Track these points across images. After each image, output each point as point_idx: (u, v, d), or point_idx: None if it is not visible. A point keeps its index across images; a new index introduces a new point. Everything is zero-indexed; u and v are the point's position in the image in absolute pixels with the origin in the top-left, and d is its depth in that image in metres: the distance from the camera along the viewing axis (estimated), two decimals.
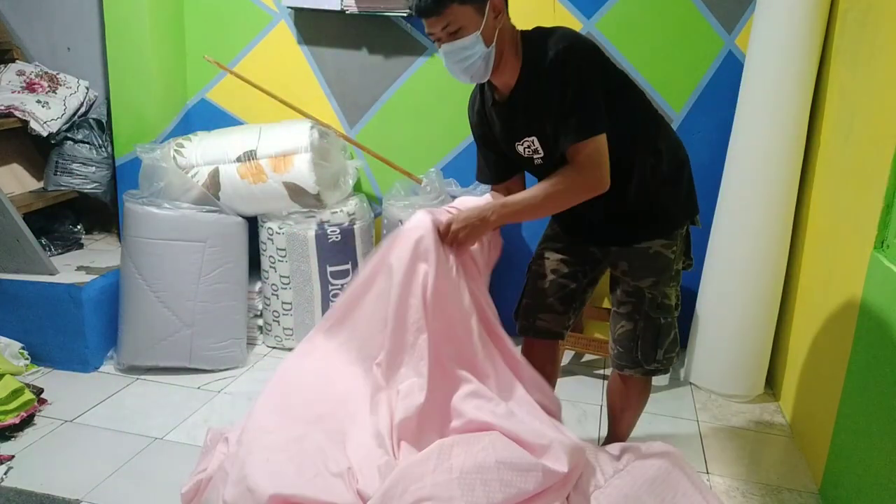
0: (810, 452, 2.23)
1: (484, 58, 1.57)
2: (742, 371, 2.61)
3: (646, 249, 1.77)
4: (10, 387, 2.24)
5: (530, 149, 1.70)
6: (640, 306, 1.80)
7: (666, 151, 1.75)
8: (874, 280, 1.78)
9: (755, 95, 2.50)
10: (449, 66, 1.61)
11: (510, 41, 1.62)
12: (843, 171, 2.17)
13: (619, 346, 1.87)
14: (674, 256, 1.79)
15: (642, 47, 2.78)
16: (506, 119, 1.70)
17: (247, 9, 3.06)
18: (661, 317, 1.81)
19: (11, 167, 3.14)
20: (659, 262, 1.77)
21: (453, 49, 1.56)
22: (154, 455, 2.15)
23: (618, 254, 1.81)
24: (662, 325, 1.82)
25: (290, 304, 2.85)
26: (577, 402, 2.56)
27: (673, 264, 1.80)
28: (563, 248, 1.88)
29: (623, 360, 1.87)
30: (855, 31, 2.18)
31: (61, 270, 2.74)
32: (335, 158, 2.88)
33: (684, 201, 1.81)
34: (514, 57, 1.62)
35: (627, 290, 1.82)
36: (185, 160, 2.75)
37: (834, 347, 2.07)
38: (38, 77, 3.19)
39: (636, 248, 1.77)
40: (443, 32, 1.54)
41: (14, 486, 1.95)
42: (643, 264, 1.78)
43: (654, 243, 1.77)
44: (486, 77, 1.63)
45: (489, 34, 1.56)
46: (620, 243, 1.80)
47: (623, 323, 1.84)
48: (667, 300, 1.81)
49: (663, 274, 1.78)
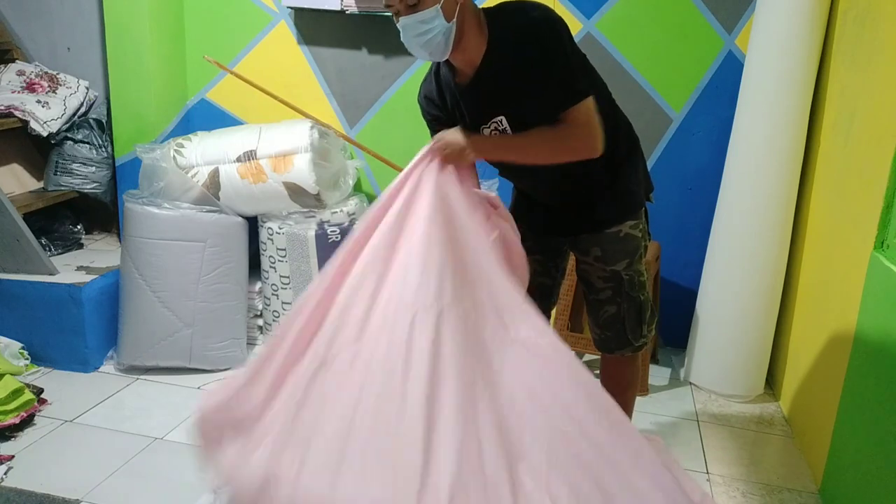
0: (810, 452, 2.23)
1: (444, 33, 1.52)
2: (742, 371, 2.61)
3: (616, 233, 1.78)
4: (10, 387, 2.24)
5: (498, 129, 1.67)
6: (619, 289, 1.82)
7: (623, 130, 1.77)
8: (874, 280, 1.78)
9: (755, 95, 2.50)
10: (407, 40, 1.55)
11: (473, 18, 1.57)
12: (843, 171, 2.17)
13: (606, 332, 1.88)
14: (641, 235, 1.81)
15: (642, 47, 2.78)
16: (471, 100, 1.66)
17: (247, 9, 3.06)
18: (639, 294, 1.84)
19: (11, 167, 3.14)
20: (630, 243, 1.79)
21: (411, 22, 1.51)
22: (154, 455, 2.15)
23: (588, 241, 1.81)
24: (643, 302, 1.85)
25: (290, 304, 2.85)
26: None
27: (642, 242, 1.82)
28: (533, 248, 1.86)
29: (613, 343, 1.89)
30: (855, 31, 2.18)
31: (61, 270, 2.74)
32: (335, 158, 2.88)
33: (642, 178, 1.83)
34: (477, 34, 1.58)
35: (604, 276, 1.82)
36: (185, 160, 2.75)
37: (834, 347, 2.07)
38: (38, 77, 3.19)
39: (607, 233, 1.78)
40: (401, 4, 1.50)
41: (14, 486, 1.95)
42: (615, 248, 1.79)
43: (624, 226, 1.77)
44: (447, 54, 1.57)
45: (450, 9, 1.51)
46: (591, 230, 1.80)
47: (606, 308, 1.85)
48: (641, 277, 1.84)
49: (635, 254, 1.81)
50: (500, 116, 1.64)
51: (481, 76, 1.61)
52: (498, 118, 1.65)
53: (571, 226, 1.82)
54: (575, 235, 1.83)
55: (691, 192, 2.86)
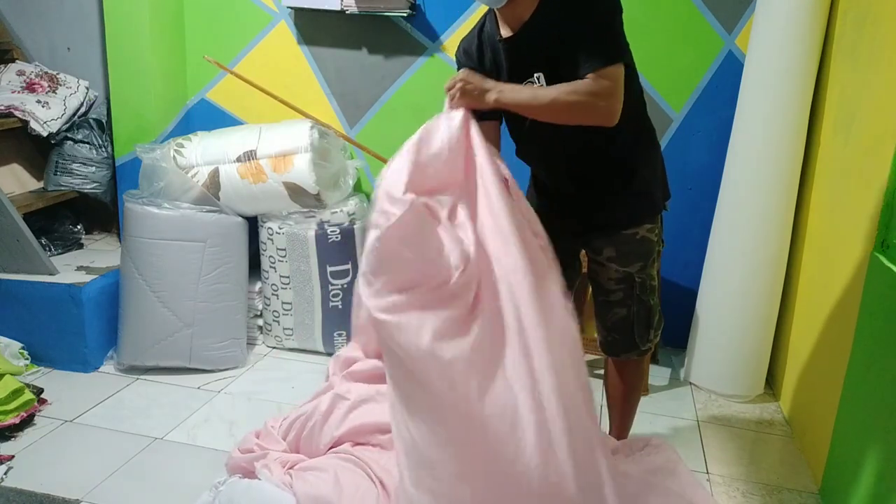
0: (810, 452, 2.23)
1: None
2: (742, 371, 2.61)
3: (632, 235, 1.78)
4: (10, 387, 2.23)
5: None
6: (631, 291, 1.82)
7: (648, 131, 1.79)
8: (874, 280, 1.78)
9: (755, 95, 2.50)
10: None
11: None
12: (843, 171, 2.17)
13: (614, 334, 1.88)
14: (657, 239, 1.82)
15: (642, 47, 2.74)
16: (512, 56, 1.68)
17: (247, 9, 3.07)
18: (650, 299, 1.84)
19: (11, 167, 3.14)
20: (645, 246, 1.79)
21: None
22: (154, 455, 2.15)
23: (602, 240, 1.81)
24: (652, 307, 1.85)
25: (290, 304, 2.85)
26: None
27: (656, 247, 1.82)
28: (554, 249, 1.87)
29: (620, 346, 1.89)
30: (855, 31, 2.18)
31: (61, 270, 2.74)
32: (335, 158, 2.88)
33: (661, 182, 1.83)
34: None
35: (616, 277, 1.82)
36: (185, 160, 2.75)
37: (834, 347, 2.07)
38: (38, 77, 3.19)
39: (623, 234, 1.78)
40: None
41: (14, 486, 1.95)
42: (630, 250, 1.79)
43: (641, 228, 1.78)
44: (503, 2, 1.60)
45: None
46: (607, 230, 1.79)
47: (616, 310, 1.85)
48: (653, 282, 1.85)
49: (649, 258, 1.81)
50: (539, 73, 1.65)
51: (526, 33, 1.63)
52: (536, 75, 1.66)
53: (587, 223, 1.81)
54: (589, 234, 1.83)
55: (691, 192, 2.86)
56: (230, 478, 1.82)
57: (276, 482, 1.70)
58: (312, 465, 1.77)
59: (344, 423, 1.82)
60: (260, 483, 1.73)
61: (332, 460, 1.76)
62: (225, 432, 2.28)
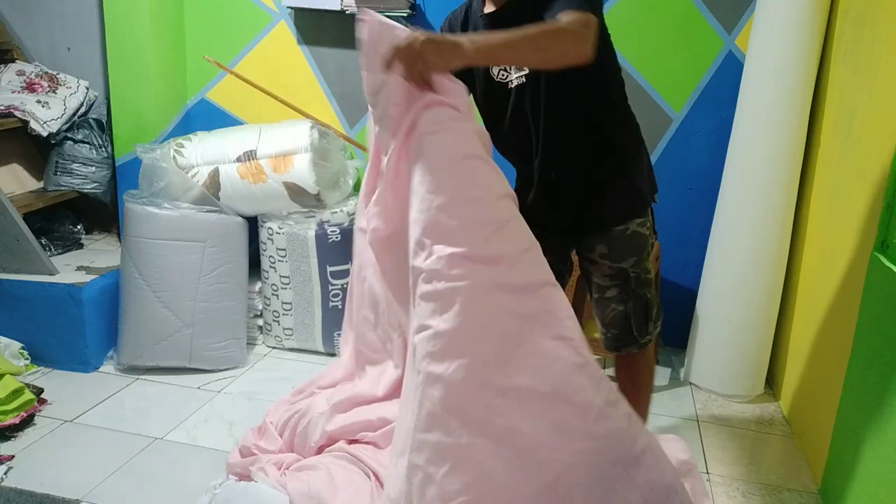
0: (810, 452, 2.23)
1: None
2: (742, 371, 2.61)
3: (623, 231, 1.77)
4: (10, 387, 2.24)
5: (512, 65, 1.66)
6: (626, 287, 1.82)
7: (631, 121, 1.78)
8: (874, 280, 1.78)
9: (755, 95, 2.50)
10: None
11: None
12: (843, 171, 2.17)
13: (613, 330, 1.88)
14: (649, 233, 1.82)
15: (642, 47, 2.78)
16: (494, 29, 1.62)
17: (247, 9, 3.06)
18: (646, 292, 1.84)
19: (11, 167, 3.14)
20: (637, 241, 1.79)
21: None
22: (154, 455, 2.15)
23: (593, 238, 1.81)
24: (649, 300, 1.85)
25: (290, 304, 2.85)
26: None
27: (649, 240, 1.82)
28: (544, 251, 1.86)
29: (620, 341, 1.89)
30: (855, 31, 2.18)
31: (61, 270, 2.74)
32: (335, 158, 2.88)
33: (647, 177, 1.83)
34: None
35: (610, 274, 1.82)
36: (185, 160, 2.75)
37: (834, 347, 2.07)
38: (38, 77, 3.19)
39: (615, 230, 1.78)
40: None
41: (14, 486, 1.95)
42: (623, 245, 1.79)
43: (632, 223, 1.77)
44: None
45: None
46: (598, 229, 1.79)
47: (613, 306, 1.85)
48: (647, 275, 1.84)
49: (642, 252, 1.81)
50: None
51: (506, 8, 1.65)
52: None
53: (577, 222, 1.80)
54: (580, 234, 1.83)
55: (691, 192, 2.86)
56: (227, 480, 1.83)
57: (271, 483, 1.72)
58: (306, 464, 1.80)
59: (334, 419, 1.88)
60: (256, 485, 1.75)
61: (325, 458, 1.80)
62: (225, 432, 2.28)
